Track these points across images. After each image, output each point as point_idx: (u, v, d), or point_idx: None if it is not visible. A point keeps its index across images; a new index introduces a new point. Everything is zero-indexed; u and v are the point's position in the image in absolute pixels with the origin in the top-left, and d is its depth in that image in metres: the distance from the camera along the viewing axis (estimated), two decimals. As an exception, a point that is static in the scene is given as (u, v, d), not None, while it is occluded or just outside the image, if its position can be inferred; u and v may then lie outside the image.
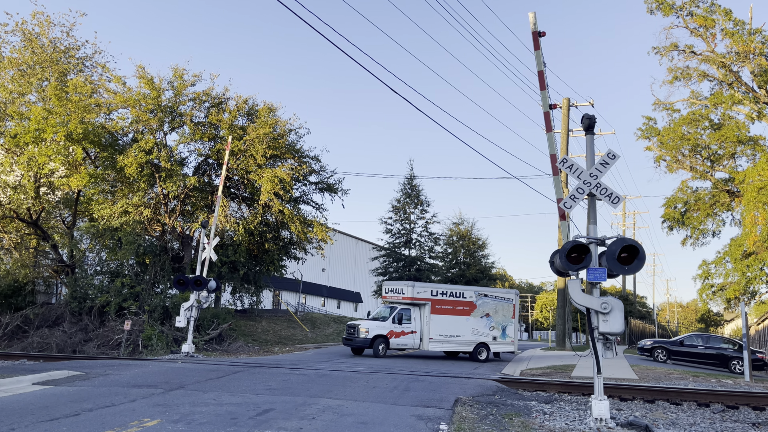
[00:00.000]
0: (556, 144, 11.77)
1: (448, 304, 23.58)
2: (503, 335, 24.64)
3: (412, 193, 48.01)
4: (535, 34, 11.16)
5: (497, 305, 24.69)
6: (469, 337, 23.75)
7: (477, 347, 23.87)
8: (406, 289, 23.39)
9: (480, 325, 24.03)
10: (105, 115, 26.58)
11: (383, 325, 22.66)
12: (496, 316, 24.56)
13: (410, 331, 23.00)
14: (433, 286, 23.97)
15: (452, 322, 23.45)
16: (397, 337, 22.66)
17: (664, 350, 25.46)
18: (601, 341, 9.33)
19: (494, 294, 25.03)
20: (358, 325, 22.68)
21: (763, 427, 10.10)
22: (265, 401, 10.14)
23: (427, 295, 23.36)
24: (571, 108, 34.66)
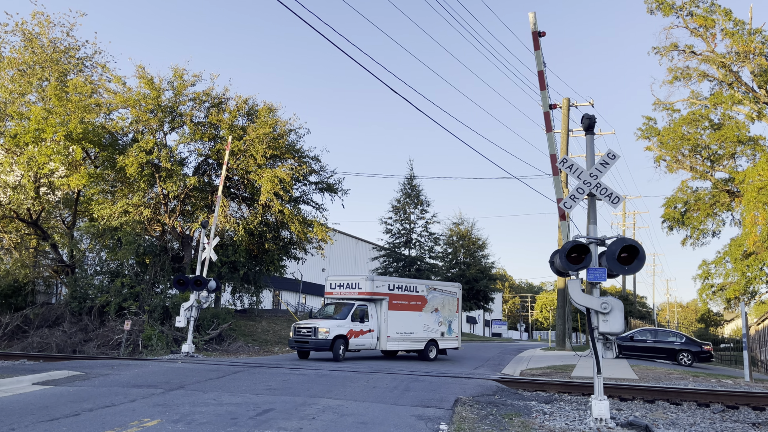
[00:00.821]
0: (556, 144, 11.77)
1: (404, 299, 21.91)
2: (449, 331, 23.49)
3: (412, 193, 48.08)
4: (535, 34, 11.17)
5: (444, 299, 23.45)
6: (421, 333, 22.23)
7: (428, 344, 22.46)
8: (363, 283, 21.26)
9: (430, 321, 22.61)
10: (105, 115, 26.59)
11: (343, 324, 20.34)
12: (444, 311, 23.33)
13: (368, 330, 21.01)
14: (391, 280, 22.24)
15: (407, 319, 21.86)
16: (356, 337, 20.54)
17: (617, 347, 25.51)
18: (601, 341, 9.33)
19: (442, 287, 23.82)
20: (316, 325, 20.13)
21: (763, 427, 10.10)
22: (265, 401, 10.14)
23: (385, 289, 21.48)
24: (571, 108, 34.66)
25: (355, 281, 21.61)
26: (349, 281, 21.74)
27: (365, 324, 20.97)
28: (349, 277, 22.12)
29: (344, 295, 21.79)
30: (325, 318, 21.08)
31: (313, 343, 19.95)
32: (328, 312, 21.72)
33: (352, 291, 21.51)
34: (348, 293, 21.63)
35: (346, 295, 21.71)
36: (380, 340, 21.24)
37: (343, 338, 20.12)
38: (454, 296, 24.14)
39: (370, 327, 21.08)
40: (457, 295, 24.40)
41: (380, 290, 21.34)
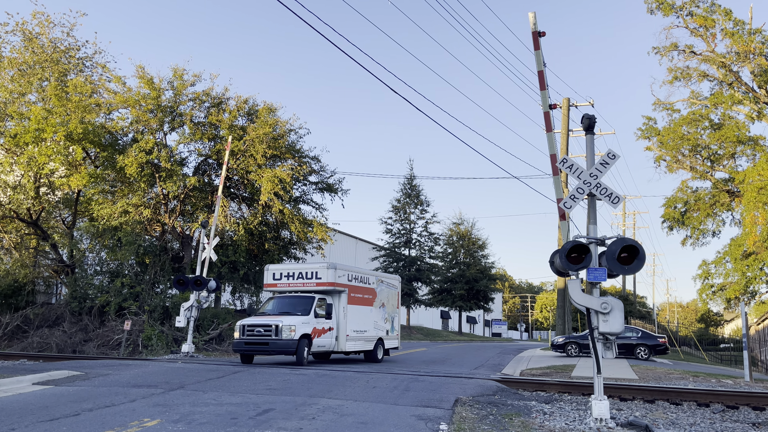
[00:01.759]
0: (556, 144, 11.77)
1: (360, 291, 19.45)
2: (392, 328, 21.39)
3: (412, 193, 48.09)
4: (535, 34, 11.17)
5: (389, 293, 21.38)
6: (372, 331, 19.99)
7: (376, 344, 20.20)
8: (324, 272, 18.37)
9: (378, 317, 20.43)
10: (105, 115, 26.60)
11: (307, 321, 17.21)
12: (388, 306, 21.27)
13: (329, 328, 18.07)
14: (349, 269, 19.49)
15: (362, 315, 19.53)
16: (318, 337, 17.53)
17: (576, 345, 25.62)
18: (601, 341, 9.33)
19: (387, 280, 21.61)
20: (278, 322, 16.72)
21: (763, 427, 10.10)
22: (265, 401, 10.14)
23: (345, 280, 18.81)
24: (571, 108, 34.67)
25: (311, 270, 18.65)
26: (304, 270, 18.80)
27: (327, 321, 18.07)
28: (301, 266, 19.20)
29: (296, 287, 18.82)
30: (283, 314, 17.65)
31: (275, 344, 16.62)
32: (278, 308, 18.27)
33: (307, 282, 18.61)
34: (301, 285, 18.69)
35: (299, 287, 18.74)
36: (339, 340, 18.46)
37: (307, 338, 17.11)
38: (396, 290, 22.20)
39: (330, 325, 18.14)
40: (398, 288, 22.50)
41: (341, 281, 18.59)
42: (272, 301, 18.83)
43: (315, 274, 18.55)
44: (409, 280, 46.54)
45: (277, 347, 16.62)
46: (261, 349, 17.02)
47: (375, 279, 20.68)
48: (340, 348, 18.60)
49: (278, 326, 16.58)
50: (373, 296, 20.27)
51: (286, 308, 18.01)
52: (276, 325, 16.62)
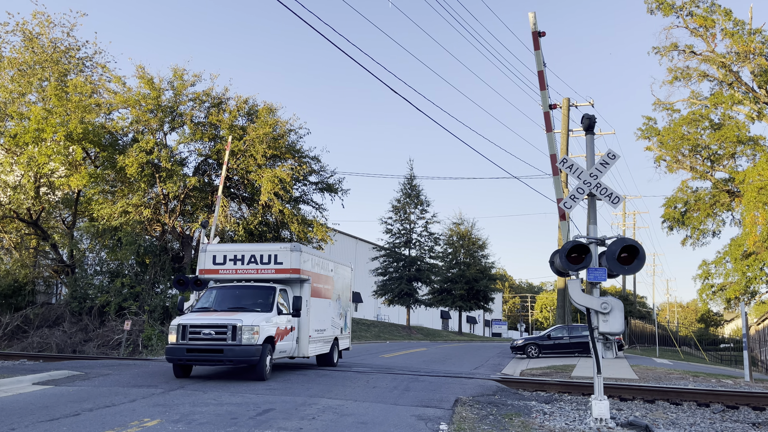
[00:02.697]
0: (556, 144, 11.77)
1: (322, 280, 15.97)
2: (345, 326, 18.19)
3: (412, 193, 48.09)
4: (535, 34, 11.17)
5: (343, 283, 18.11)
6: (329, 330, 16.57)
7: (332, 345, 16.80)
8: (286, 256, 14.42)
9: (335, 313, 17.10)
10: (105, 115, 26.59)
11: (271, 319, 13.20)
12: (343, 299, 18.05)
13: (290, 328, 14.24)
14: (314, 253, 16.07)
15: (323, 309, 16.07)
16: (281, 339, 13.65)
17: (536, 346, 25.67)
18: (601, 341, 9.33)
19: (340, 266, 18.12)
20: (234, 321, 12.45)
21: (763, 427, 10.10)
22: (265, 401, 10.14)
23: (310, 266, 15.13)
24: (571, 108, 34.66)
25: (269, 252, 14.67)
26: (259, 252, 14.75)
27: (290, 319, 14.20)
28: (255, 247, 15.33)
29: (247, 274, 14.67)
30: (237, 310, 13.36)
31: (232, 352, 12.19)
32: (226, 302, 13.91)
33: (263, 268, 14.56)
34: (255, 271, 14.61)
35: (251, 274, 14.64)
36: (300, 342, 14.65)
37: (271, 343, 13.09)
38: (348, 280, 18.98)
39: (293, 324, 14.34)
40: (351, 278, 19.27)
41: (306, 268, 14.84)
42: (215, 293, 14.26)
43: (274, 258, 14.45)
44: (409, 280, 46.52)
45: (235, 356, 12.18)
46: (210, 359, 12.44)
47: (333, 265, 17.09)
48: (301, 353, 14.69)
49: (237, 327, 12.24)
50: (332, 286, 16.81)
51: (239, 302, 13.74)
52: (234, 325, 12.26)
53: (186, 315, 13.42)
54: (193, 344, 12.47)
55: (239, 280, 14.84)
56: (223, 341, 12.36)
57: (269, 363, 13.08)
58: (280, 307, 13.83)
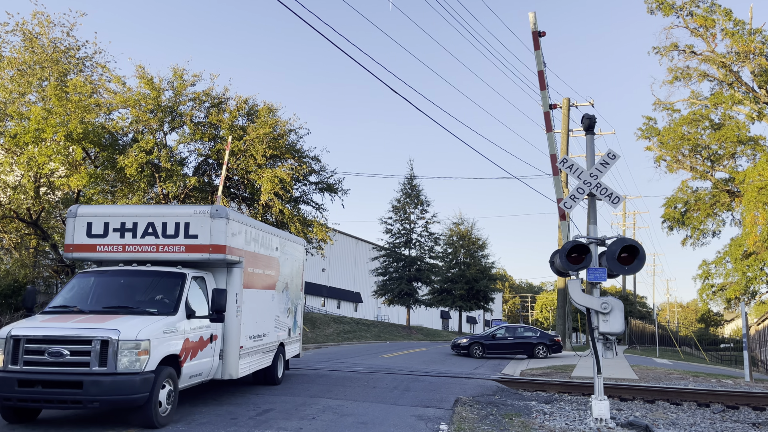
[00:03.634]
0: (556, 144, 11.77)
1: (261, 263, 11.32)
2: (295, 326, 13.76)
3: (412, 193, 48.06)
4: (535, 34, 11.17)
5: (293, 267, 13.55)
6: (272, 334, 12.02)
7: (277, 355, 12.26)
8: (203, 225, 9.59)
9: (281, 309, 12.60)
10: (105, 115, 26.59)
11: (173, 327, 8.49)
12: (292, 288, 13.44)
13: (208, 338, 9.49)
14: (247, 222, 10.82)
15: (263, 306, 11.46)
16: (192, 358, 8.94)
17: (481, 346, 25.39)
18: (601, 341, 9.33)
19: (288, 243, 13.41)
20: (108, 335, 7.57)
21: (763, 427, 10.10)
22: (265, 401, 10.14)
23: (241, 242, 10.35)
24: (571, 108, 34.66)
25: (176, 219, 9.65)
26: (159, 219, 9.67)
27: (208, 325, 9.42)
28: (152, 211, 10.03)
29: (141, 254, 9.62)
30: (114, 312, 8.61)
31: (96, 387, 7.41)
32: (101, 297, 9.01)
33: (167, 243, 9.56)
34: (154, 248, 9.58)
35: (148, 254, 9.61)
36: (227, 358, 9.93)
37: (174, 365, 8.39)
38: (300, 261, 14.26)
39: (214, 330, 9.59)
40: (303, 257, 14.60)
41: (236, 244, 10.02)
42: (85, 283, 9.28)
43: (184, 229, 9.51)
44: (409, 280, 46.50)
45: (103, 393, 7.39)
46: (59, 398, 7.46)
47: (279, 242, 12.41)
48: (227, 373, 9.89)
49: (109, 342, 7.53)
50: (276, 272, 12.15)
51: (122, 299, 8.91)
52: (104, 339, 7.54)
53: (30, 322, 8.10)
54: (30, 374, 7.41)
55: (128, 261, 9.63)
56: (82, 367, 7.41)
57: (168, 400, 8.02)
58: (190, 306, 8.87)
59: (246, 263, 10.42)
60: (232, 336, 10.00)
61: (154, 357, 7.79)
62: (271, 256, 11.89)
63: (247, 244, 10.57)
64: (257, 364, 11.19)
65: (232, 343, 9.99)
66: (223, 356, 9.92)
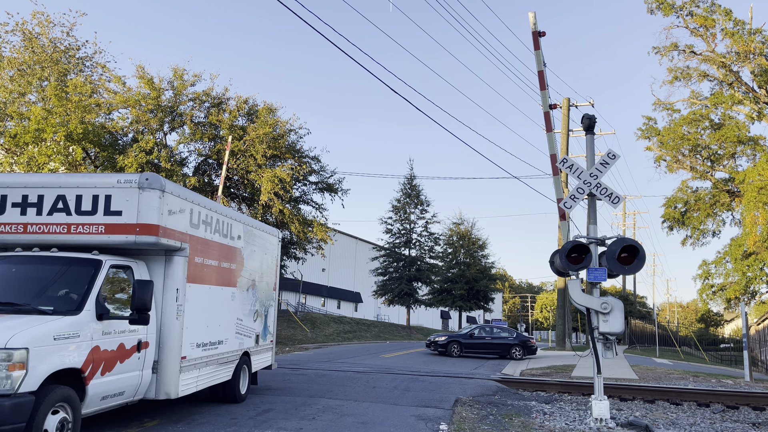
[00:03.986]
0: (556, 144, 11.78)
1: (215, 252, 9.31)
2: (265, 331, 11.47)
3: (412, 193, 48.08)
4: (535, 34, 11.17)
5: (263, 260, 11.47)
6: (232, 341, 9.95)
7: (239, 367, 10.12)
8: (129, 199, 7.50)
9: (245, 310, 10.49)
10: (105, 115, 26.61)
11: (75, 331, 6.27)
12: (262, 287, 11.29)
13: (134, 346, 7.29)
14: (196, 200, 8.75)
15: (218, 308, 9.44)
16: (107, 372, 6.71)
17: (458, 344, 25.17)
18: (601, 341, 9.33)
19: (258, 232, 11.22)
20: None
21: (763, 427, 10.10)
22: (264, 401, 10.14)
23: (185, 224, 8.34)
24: (571, 108, 34.67)
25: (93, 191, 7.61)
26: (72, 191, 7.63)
27: (132, 329, 7.31)
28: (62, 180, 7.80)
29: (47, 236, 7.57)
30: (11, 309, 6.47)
31: None
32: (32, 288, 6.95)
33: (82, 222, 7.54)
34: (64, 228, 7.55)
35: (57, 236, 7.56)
36: (163, 371, 7.85)
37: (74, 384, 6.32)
38: (274, 254, 12.11)
39: (141, 336, 7.51)
40: (277, 250, 12.37)
41: (177, 225, 8.11)
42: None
43: (104, 204, 7.56)
44: (409, 280, 46.51)
45: None
46: None
47: (242, 229, 10.36)
48: (163, 390, 7.78)
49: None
50: (238, 265, 10.09)
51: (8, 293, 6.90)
52: None
53: None
54: None
55: (29, 245, 7.61)
56: None
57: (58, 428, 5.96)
58: (103, 304, 6.83)
59: (192, 251, 8.30)
60: (171, 343, 7.79)
61: (37, 372, 5.70)
62: (231, 245, 9.76)
63: (195, 227, 8.50)
64: (210, 379, 8.96)
65: (170, 352, 7.76)
66: (157, 369, 7.70)
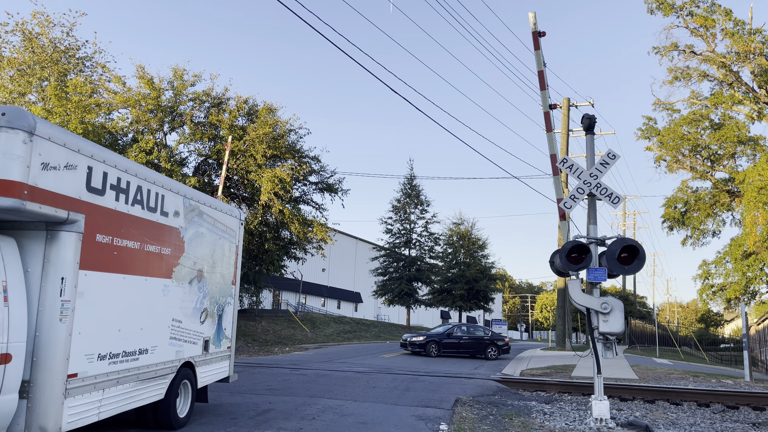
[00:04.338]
0: (556, 144, 11.77)
1: (138, 231, 6.86)
2: (219, 335, 9.28)
3: (412, 193, 48.09)
4: (535, 34, 11.17)
5: (216, 246, 9.15)
6: (164, 351, 7.50)
7: (175, 383, 7.76)
8: None
9: (187, 310, 8.09)
10: (105, 115, 26.61)
11: None
12: (213, 279, 9.01)
13: None
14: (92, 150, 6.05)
15: (139, 305, 6.92)
16: None
17: (437, 344, 24.82)
18: (601, 341, 9.33)
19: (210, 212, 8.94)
20: None
21: (763, 427, 10.10)
22: (265, 401, 10.14)
23: (76, 184, 5.82)
24: (571, 108, 34.66)
25: None
26: None
27: None
28: None
29: None
30: None
31: None
32: None
33: None
34: None
35: None
36: (37, 396, 5.41)
37: None
38: (233, 240, 9.82)
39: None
40: (238, 236, 10.03)
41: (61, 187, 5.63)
42: None
43: None
44: (409, 280, 46.51)
45: None
46: None
47: (182, 203, 8.04)
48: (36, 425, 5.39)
49: None
50: (175, 250, 7.84)
51: None
52: None
53: None
54: None
55: None
56: None
57: None
58: None
59: (91, 226, 6.04)
60: (50, 355, 5.58)
61: None
62: (163, 223, 7.37)
63: (96, 192, 6.18)
64: (125, 402, 6.65)
65: (48, 368, 5.55)
66: (28, 393, 5.44)
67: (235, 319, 9.88)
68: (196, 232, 8.35)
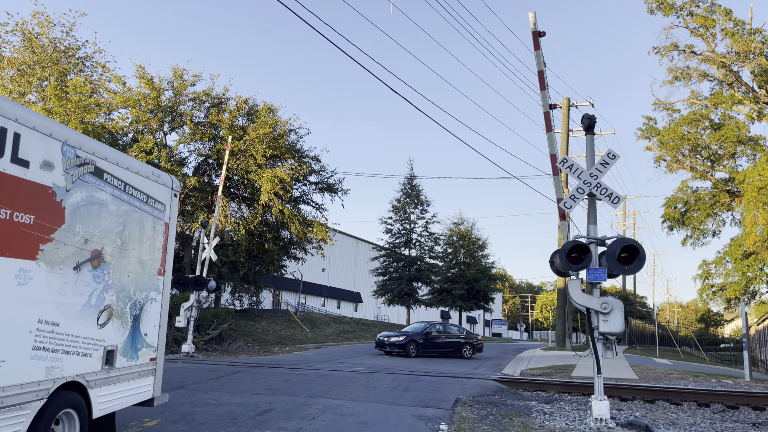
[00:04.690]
0: (556, 144, 11.77)
1: None
2: (134, 342, 6.62)
3: (412, 193, 48.07)
4: (535, 34, 11.17)
5: (128, 220, 6.47)
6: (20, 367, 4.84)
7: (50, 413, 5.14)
8: None
9: (69, 307, 5.39)
10: (105, 115, 26.62)
11: None
12: (123, 266, 6.37)
13: None
14: None
15: None
16: None
17: (416, 344, 24.22)
18: (601, 341, 9.33)
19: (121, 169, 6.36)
20: None
21: (763, 427, 10.09)
22: (265, 401, 10.14)
23: None
24: (571, 108, 34.66)
25: None
26: None
27: None
28: None
29: None
30: None
31: None
32: None
33: None
34: None
35: None
36: None
37: None
38: (156, 215, 7.21)
39: None
40: (166, 212, 7.53)
41: None
42: None
43: None
44: (409, 280, 46.51)
45: None
46: None
47: (61, 154, 5.40)
48: None
49: None
50: (46, 220, 5.18)
51: None
52: None
53: None
54: None
55: None
56: None
57: None
58: None
59: None
60: None
61: None
62: (15, 176, 4.90)
63: None
64: None
65: None
66: None
67: (164, 322, 7.51)
68: (88, 198, 5.83)
